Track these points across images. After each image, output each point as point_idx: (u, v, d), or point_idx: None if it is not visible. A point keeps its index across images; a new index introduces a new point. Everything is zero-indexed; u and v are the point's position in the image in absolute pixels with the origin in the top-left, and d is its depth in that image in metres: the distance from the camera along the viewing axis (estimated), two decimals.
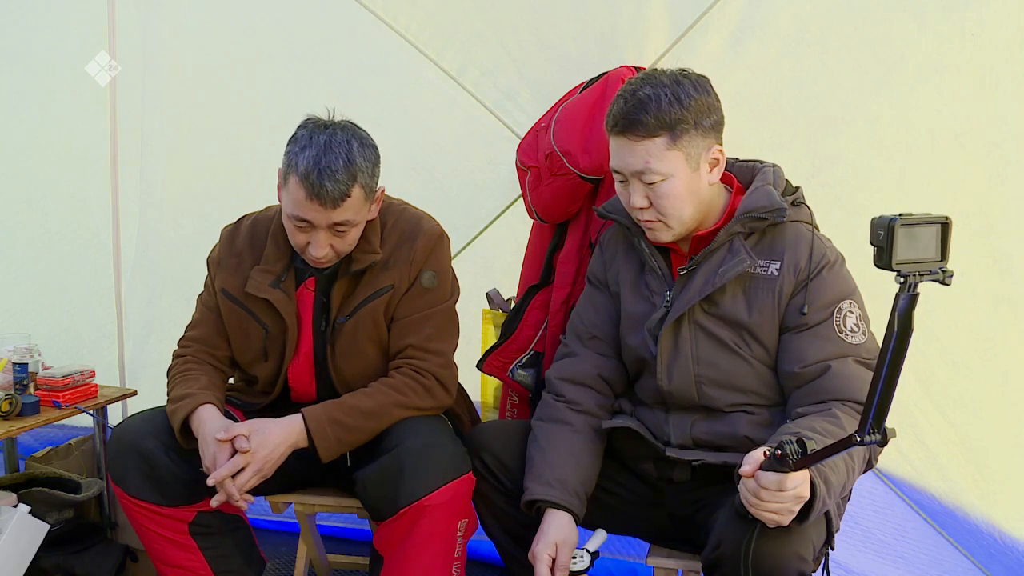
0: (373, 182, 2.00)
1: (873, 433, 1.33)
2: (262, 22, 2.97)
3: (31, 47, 3.18)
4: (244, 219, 2.23)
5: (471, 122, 2.73)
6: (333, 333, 2.11)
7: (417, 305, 2.11)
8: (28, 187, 3.31)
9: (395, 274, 2.09)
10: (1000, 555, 2.37)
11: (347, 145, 1.94)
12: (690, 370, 1.91)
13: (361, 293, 2.10)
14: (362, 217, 2.01)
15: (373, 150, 2.01)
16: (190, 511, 2.07)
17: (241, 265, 2.15)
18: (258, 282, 2.10)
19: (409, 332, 2.10)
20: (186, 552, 2.09)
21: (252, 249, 2.16)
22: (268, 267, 2.12)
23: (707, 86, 1.86)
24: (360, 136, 2.00)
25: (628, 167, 1.85)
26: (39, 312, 3.31)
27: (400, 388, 2.06)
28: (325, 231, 1.98)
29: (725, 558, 1.66)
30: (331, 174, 1.91)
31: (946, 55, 2.24)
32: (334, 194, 1.91)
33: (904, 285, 1.29)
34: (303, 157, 1.93)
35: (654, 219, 1.88)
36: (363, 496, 2.02)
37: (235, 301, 2.15)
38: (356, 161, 1.94)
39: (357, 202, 1.96)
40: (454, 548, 2.01)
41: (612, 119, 1.86)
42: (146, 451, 2.02)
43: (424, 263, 2.11)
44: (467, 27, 2.65)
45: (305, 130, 1.98)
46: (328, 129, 1.97)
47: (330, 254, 2.01)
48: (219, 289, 2.17)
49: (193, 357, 2.18)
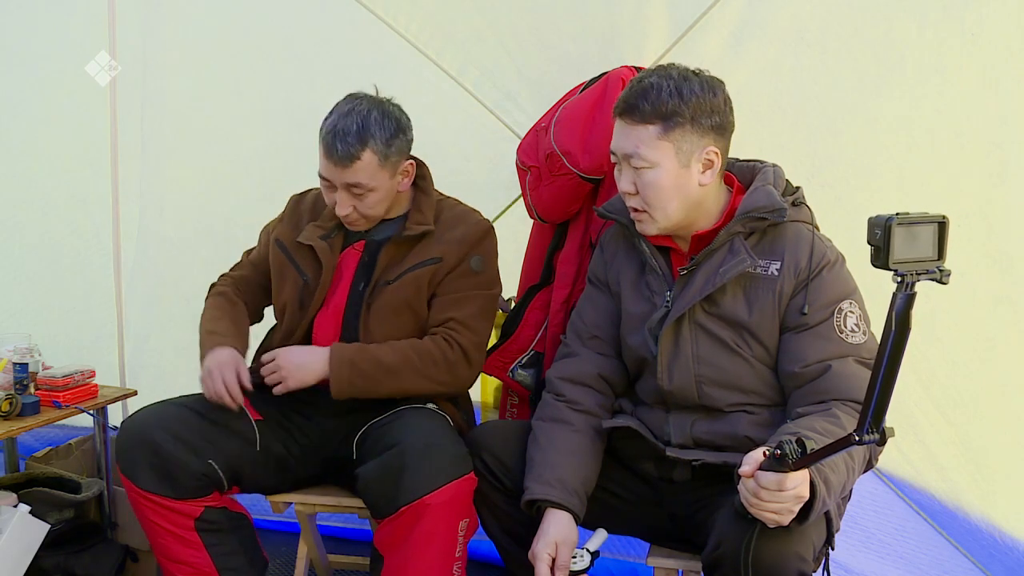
0: (389, 150, 2.12)
1: (871, 432, 1.33)
2: (262, 22, 2.97)
3: (31, 47, 3.18)
4: (310, 190, 2.38)
5: (471, 122, 2.73)
6: (372, 294, 2.19)
7: (463, 285, 2.21)
8: (28, 187, 3.31)
9: (445, 248, 2.20)
10: (1000, 555, 2.37)
11: (365, 113, 2.10)
12: (690, 370, 1.91)
13: (410, 260, 2.20)
14: (379, 183, 2.13)
15: (394, 122, 2.14)
16: (198, 505, 2.10)
17: (300, 221, 2.31)
18: (309, 232, 2.25)
19: (453, 307, 2.19)
20: (191, 548, 2.11)
21: (314, 211, 2.32)
22: (322, 223, 2.26)
23: (716, 88, 1.86)
24: (385, 109, 2.14)
25: (620, 149, 1.88)
26: (39, 312, 3.31)
27: (424, 355, 2.14)
28: (344, 191, 2.12)
29: (725, 558, 1.66)
30: (343, 136, 2.07)
31: (946, 55, 2.24)
32: (343, 155, 2.07)
33: (901, 284, 1.29)
34: (328, 122, 2.12)
35: (640, 208, 1.89)
36: (364, 493, 2.03)
37: (283, 249, 2.29)
38: (370, 128, 2.09)
39: (369, 166, 2.09)
40: (455, 548, 2.01)
41: (617, 102, 1.90)
42: (156, 443, 2.06)
43: (474, 247, 2.22)
44: (467, 27, 2.65)
45: (340, 102, 2.16)
46: (357, 99, 2.14)
47: (353, 215, 2.15)
48: (274, 239, 2.31)
49: (233, 291, 2.35)
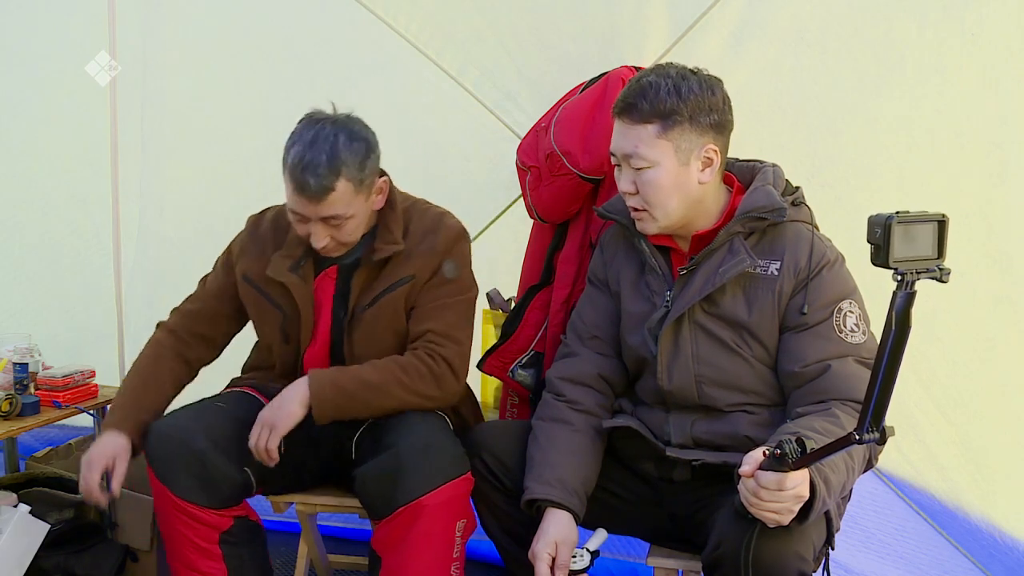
0: (362, 174, 2.01)
1: (871, 432, 1.32)
2: (262, 22, 2.97)
3: (31, 47, 3.18)
4: (268, 210, 2.28)
5: (471, 122, 2.73)
6: (352, 322, 2.14)
7: (438, 294, 2.14)
8: (28, 187, 3.31)
9: (417, 264, 2.12)
10: (1000, 555, 2.37)
11: (332, 139, 1.97)
12: (690, 370, 1.91)
13: (382, 283, 2.13)
14: (356, 209, 2.03)
15: (363, 143, 2.02)
16: (228, 517, 2.06)
17: (264, 251, 2.19)
18: (277, 265, 2.15)
19: (429, 318, 2.13)
20: (210, 560, 2.06)
21: (275, 236, 2.20)
22: (289, 252, 2.15)
23: (715, 87, 1.86)
24: (350, 130, 2.01)
25: (620, 149, 1.88)
26: (39, 312, 3.31)
27: (408, 369, 2.08)
28: (320, 224, 2.01)
29: (725, 558, 1.66)
30: (313, 168, 1.94)
31: (946, 55, 2.24)
32: (317, 189, 1.94)
33: (901, 283, 1.29)
34: (291, 153, 1.97)
35: (640, 207, 1.89)
36: (361, 494, 2.03)
37: (255, 285, 2.19)
38: (340, 155, 1.96)
39: (344, 195, 1.98)
40: (452, 548, 2.01)
41: (616, 102, 1.90)
42: (199, 451, 2.01)
43: (446, 254, 2.14)
44: (467, 27, 2.65)
45: (299, 125, 2.02)
46: (319, 124, 2.00)
47: (331, 244, 2.05)
48: (241, 276, 2.21)
49: (170, 346, 2.23)
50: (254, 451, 2.03)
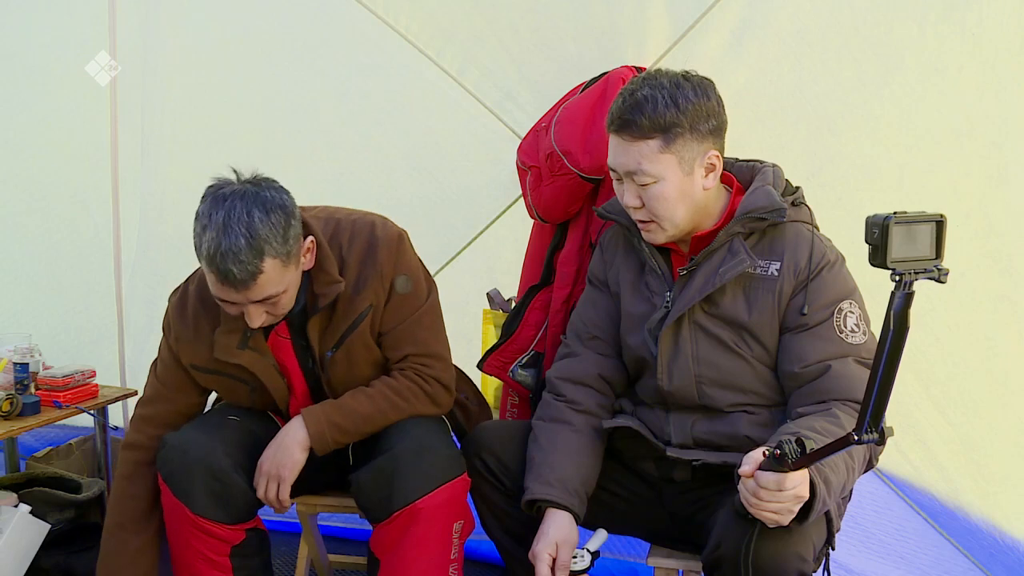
0: (287, 247, 1.85)
1: (870, 432, 1.33)
2: (263, 22, 2.97)
3: (32, 47, 3.18)
4: (188, 282, 2.13)
5: (471, 122, 2.72)
6: (324, 367, 2.08)
7: (401, 313, 2.06)
8: (29, 187, 3.31)
9: (369, 293, 2.02)
10: (1000, 555, 2.37)
11: (247, 219, 1.80)
12: (690, 370, 1.91)
13: (342, 323, 2.03)
14: (288, 282, 1.89)
15: (280, 213, 1.85)
16: (240, 531, 2.04)
17: (200, 334, 2.05)
18: (224, 345, 2.01)
19: (403, 342, 2.07)
20: (219, 571, 2.05)
21: (206, 312, 2.05)
22: (229, 327, 2.00)
23: (709, 90, 1.85)
24: (263, 200, 1.84)
25: (622, 166, 1.86)
26: (40, 312, 3.31)
27: (403, 393, 2.06)
28: (254, 307, 1.88)
29: (725, 558, 1.66)
30: (234, 256, 1.78)
31: (947, 55, 2.24)
32: (243, 276, 1.80)
33: (899, 283, 1.29)
34: (205, 239, 1.81)
35: (647, 219, 1.88)
36: (358, 498, 2.02)
37: (210, 372, 2.08)
38: (259, 234, 1.80)
39: (273, 275, 1.84)
40: (450, 550, 2.01)
41: (610, 117, 1.87)
42: (218, 470, 1.97)
43: (394, 270, 2.04)
44: (467, 27, 2.65)
45: (204, 205, 1.85)
46: (227, 202, 1.82)
47: (269, 319, 1.93)
48: (188, 366, 2.09)
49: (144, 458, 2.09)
50: (264, 501, 2.02)
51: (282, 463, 1.99)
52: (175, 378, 2.12)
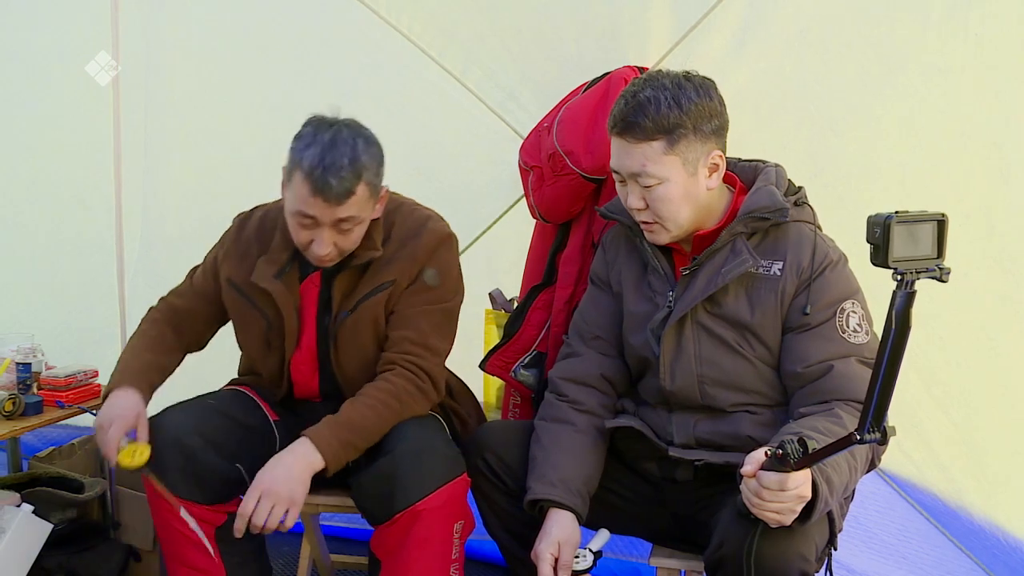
0: (378, 180, 2.00)
1: (872, 431, 1.32)
2: (265, 23, 2.97)
3: (35, 47, 3.19)
4: (256, 210, 2.25)
5: (474, 122, 2.73)
6: (335, 327, 2.12)
7: (417, 300, 2.11)
8: (31, 187, 3.32)
9: (397, 269, 2.09)
10: (1003, 555, 2.37)
11: (352, 142, 1.94)
12: (693, 370, 1.91)
13: (363, 288, 2.10)
14: (366, 214, 2.01)
15: (378, 148, 2.01)
16: (222, 513, 2.04)
17: (247, 255, 2.16)
18: (262, 272, 2.11)
19: (406, 324, 2.10)
20: (207, 556, 2.03)
21: (260, 240, 2.17)
22: (273, 257, 2.12)
23: (710, 90, 1.85)
24: (365, 135, 2.00)
25: (625, 168, 1.86)
26: (42, 312, 3.31)
27: (401, 397, 2.04)
28: (329, 228, 1.97)
29: (727, 558, 1.66)
30: (336, 171, 1.90)
31: (949, 55, 2.24)
32: (339, 191, 1.91)
33: (901, 283, 1.29)
34: (308, 154, 1.92)
35: (651, 220, 1.88)
36: (358, 500, 2.02)
37: (239, 291, 2.16)
38: (361, 159, 1.94)
39: (361, 199, 1.96)
40: (451, 550, 2.01)
41: (612, 119, 1.86)
42: (189, 448, 1.99)
43: (427, 261, 2.10)
44: (470, 27, 2.65)
45: (310, 127, 1.98)
46: (333, 127, 1.97)
47: (333, 252, 2.01)
48: (225, 280, 2.18)
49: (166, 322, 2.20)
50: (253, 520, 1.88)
51: (294, 489, 1.89)
52: (206, 287, 2.21)
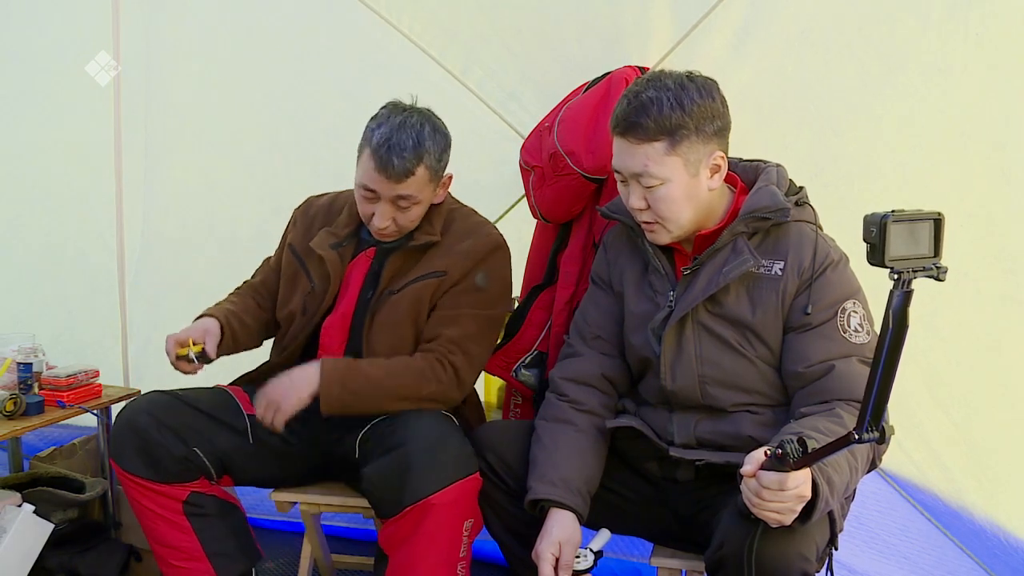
0: (440, 166, 2.13)
1: (871, 430, 1.32)
2: (266, 23, 2.97)
3: (35, 47, 3.19)
4: (327, 194, 2.39)
5: (475, 122, 2.73)
6: (377, 303, 2.17)
7: (462, 301, 2.17)
8: (32, 188, 3.32)
9: (449, 262, 2.17)
10: (1004, 556, 2.37)
11: (419, 127, 2.09)
12: (694, 370, 1.91)
13: (414, 272, 2.18)
14: (425, 196, 2.13)
15: (444, 137, 2.14)
16: (183, 489, 2.12)
17: (311, 226, 2.31)
18: (320, 240, 2.25)
19: (447, 324, 2.16)
20: (180, 532, 2.13)
21: (327, 215, 2.32)
22: (335, 231, 2.26)
23: (713, 91, 1.85)
24: (433, 122, 2.14)
25: (627, 168, 1.86)
26: (43, 312, 3.31)
27: (417, 375, 2.10)
28: (389, 203, 2.10)
29: (728, 558, 1.66)
30: (399, 151, 2.05)
31: (950, 55, 2.24)
32: (399, 169, 2.05)
33: (898, 282, 1.29)
34: (378, 133, 2.08)
35: (652, 220, 1.88)
36: (369, 493, 2.03)
37: (295, 254, 2.30)
38: (425, 143, 2.08)
39: (421, 180, 2.09)
40: (459, 548, 2.01)
41: (615, 119, 1.86)
42: (139, 427, 2.09)
43: (480, 262, 2.18)
44: (471, 27, 2.66)
45: (385, 110, 2.14)
46: (405, 111, 2.12)
47: (392, 227, 2.13)
48: (287, 245, 2.33)
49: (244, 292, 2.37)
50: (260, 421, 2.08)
51: (287, 396, 2.05)
52: (277, 260, 2.38)
